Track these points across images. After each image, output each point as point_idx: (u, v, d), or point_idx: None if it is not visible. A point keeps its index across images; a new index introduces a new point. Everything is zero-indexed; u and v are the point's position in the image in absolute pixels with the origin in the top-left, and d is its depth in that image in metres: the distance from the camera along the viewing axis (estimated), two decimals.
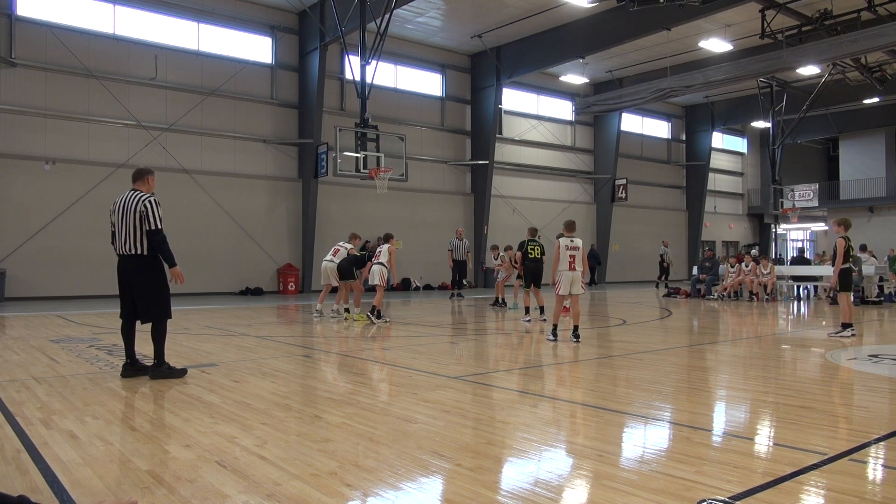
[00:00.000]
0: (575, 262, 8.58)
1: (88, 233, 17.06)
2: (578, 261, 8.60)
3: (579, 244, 8.67)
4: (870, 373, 6.58)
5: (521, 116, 26.62)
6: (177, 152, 18.46)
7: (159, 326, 5.97)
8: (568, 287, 8.54)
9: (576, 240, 8.69)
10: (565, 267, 8.57)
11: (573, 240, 8.68)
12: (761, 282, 17.07)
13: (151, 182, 6.18)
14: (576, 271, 8.56)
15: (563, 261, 8.57)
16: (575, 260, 8.58)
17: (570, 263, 8.57)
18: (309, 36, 20.20)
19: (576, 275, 8.56)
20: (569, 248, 8.60)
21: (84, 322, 11.14)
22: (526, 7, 20.15)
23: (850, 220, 9.57)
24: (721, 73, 19.58)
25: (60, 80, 16.96)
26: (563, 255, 8.59)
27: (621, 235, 29.25)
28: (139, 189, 6.09)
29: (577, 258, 8.58)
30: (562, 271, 8.58)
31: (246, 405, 4.80)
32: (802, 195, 28.06)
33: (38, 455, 3.58)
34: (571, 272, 8.56)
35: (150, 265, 5.98)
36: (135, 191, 6.06)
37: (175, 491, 3.03)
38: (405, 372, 6.63)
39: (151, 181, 6.18)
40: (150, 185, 6.15)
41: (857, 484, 3.15)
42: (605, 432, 4.17)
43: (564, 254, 8.59)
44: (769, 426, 4.42)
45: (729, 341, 9.32)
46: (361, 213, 21.69)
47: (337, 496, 2.99)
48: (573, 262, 8.57)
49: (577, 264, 8.57)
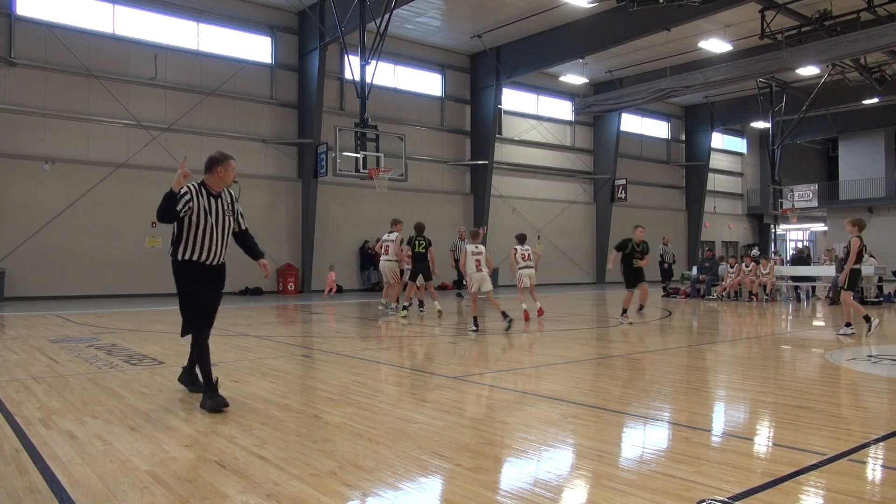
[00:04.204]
0: (481, 265, 10.00)
1: (88, 233, 17.08)
2: (483, 263, 10.05)
3: (482, 250, 10.13)
4: (869, 373, 6.58)
5: (521, 116, 26.62)
6: (176, 152, 18.42)
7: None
8: (478, 285, 9.96)
9: (479, 247, 10.14)
10: (473, 269, 9.98)
11: (478, 246, 10.12)
12: (761, 282, 17.07)
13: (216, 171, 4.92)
14: (482, 272, 9.98)
15: (471, 264, 9.99)
16: (480, 263, 10.00)
17: (477, 266, 9.97)
18: (309, 36, 20.20)
19: (483, 275, 9.99)
20: (474, 253, 10.03)
21: (83, 322, 11.13)
22: (526, 7, 20.15)
23: (865, 221, 9.79)
24: (721, 74, 19.58)
25: (60, 80, 16.96)
26: (470, 259, 10.00)
27: (621, 236, 28.88)
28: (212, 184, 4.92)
29: (481, 261, 10.01)
30: (471, 273, 9.99)
31: (245, 405, 4.80)
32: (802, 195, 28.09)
33: (38, 454, 3.58)
34: (479, 273, 9.96)
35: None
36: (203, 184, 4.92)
37: (175, 491, 3.03)
38: (405, 372, 6.63)
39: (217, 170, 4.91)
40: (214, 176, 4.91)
41: (856, 484, 3.15)
42: (605, 432, 4.17)
43: (471, 258, 10.00)
44: (768, 426, 4.42)
45: (728, 341, 9.32)
46: (361, 213, 21.70)
47: (336, 496, 2.99)
48: (479, 265, 9.99)
49: (482, 266, 10.01)
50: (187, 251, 4.83)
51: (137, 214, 17.52)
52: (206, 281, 4.92)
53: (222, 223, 4.94)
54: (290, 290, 19.86)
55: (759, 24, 19.19)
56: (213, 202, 4.88)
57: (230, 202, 5.04)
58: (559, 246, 27.37)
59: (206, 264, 4.89)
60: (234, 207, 5.08)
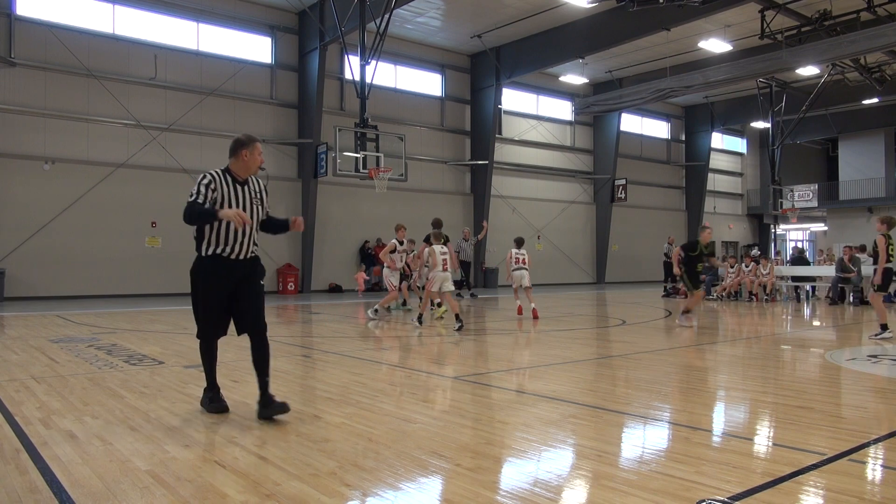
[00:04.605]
0: (447, 265, 10.29)
1: (88, 233, 17.08)
2: (449, 263, 10.38)
3: (446, 251, 10.46)
4: (869, 373, 6.58)
5: (521, 116, 26.62)
6: (176, 152, 18.45)
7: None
8: (440, 284, 10.26)
9: (445, 248, 10.47)
10: (440, 269, 10.23)
11: (444, 247, 10.46)
12: (761, 282, 17.07)
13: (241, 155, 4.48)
14: (447, 272, 10.27)
15: (439, 264, 10.25)
16: (446, 263, 10.30)
17: (444, 266, 10.26)
18: (309, 36, 20.20)
19: (447, 275, 10.28)
20: (442, 253, 10.35)
21: (83, 322, 11.13)
22: (525, 7, 20.16)
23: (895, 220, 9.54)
24: (721, 74, 19.59)
25: (60, 80, 16.96)
26: (439, 259, 10.26)
27: (621, 236, 29.25)
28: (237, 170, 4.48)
29: (447, 261, 10.33)
30: (437, 272, 10.25)
31: (245, 405, 4.79)
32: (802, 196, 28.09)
33: (38, 454, 3.58)
34: (444, 273, 10.25)
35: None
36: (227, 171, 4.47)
37: (175, 491, 3.03)
38: (405, 372, 6.63)
39: (242, 154, 4.47)
40: (240, 160, 4.48)
41: (856, 484, 3.15)
42: (605, 432, 4.17)
43: (439, 258, 10.26)
44: (768, 426, 4.42)
45: (728, 341, 9.32)
46: (361, 213, 21.70)
47: (336, 496, 2.99)
48: (445, 265, 10.27)
49: (448, 266, 10.32)
50: (211, 245, 4.36)
51: (137, 214, 17.54)
52: (233, 279, 4.43)
53: (249, 213, 4.43)
54: (290, 290, 19.86)
55: (759, 24, 19.20)
56: (239, 190, 4.42)
57: (258, 190, 4.58)
58: (559, 246, 27.37)
59: (234, 259, 4.42)
60: (262, 196, 4.59)
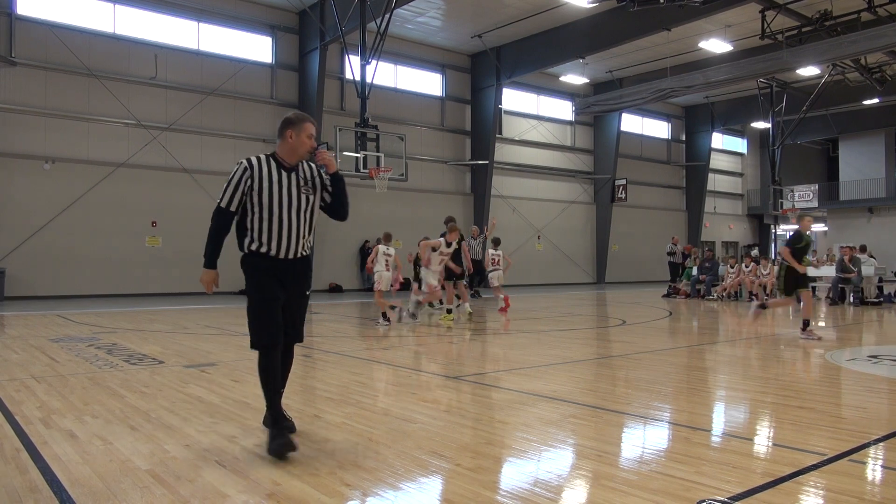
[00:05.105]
0: (389, 265, 10.59)
1: (88, 233, 17.08)
2: (392, 264, 10.67)
3: (392, 252, 10.71)
4: (869, 373, 6.58)
5: (521, 116, 26.62)
6: (177, 152, 18.45)
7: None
8: (388, 284, 10.69)
9: (391, 248, 10.71)
10: (382, 268, 10.55)
11: (389, 248, 10.70)
12: (761, 282, 17.07)
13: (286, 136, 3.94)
14: (390, 272, 10.63)
15: (381, 263, 10.55)
16: (389, 263, 10.58)
17: (386, 266, 10.58)
18: (309, 35, 20.20)
19: (390, 274, 10.64)
20: (385, 254, 10.61)
21: (83, 321, 11.13)
22: (526, 7, 20.16)
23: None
24: (721, 74, 19.59)
25: (60, 80, 16.96)
26: (381, 259, 10.58)
27: (621, 236, 29.25)
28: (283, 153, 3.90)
29: (390, 262, 10.61)
30: (380, 271, 10.55)
31: (246, 405, 4.79)
32: (802, 196, 28.12)
33: (38, 454, 3.58)
34: (388, 273, 10.60)
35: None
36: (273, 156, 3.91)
37: (175, 491, 3.03)
38: (405, 372, 6.63)
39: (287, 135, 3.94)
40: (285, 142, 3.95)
41: (856, 484, 3.15)
42: (605, 432, 4.17)
43: (382, 258, 10.58)
44: (768, 426, 4.42)
45: (728, 342, 9.32)
46: (361, 213, 21.66)
47: (337, 496, 2.99)
48: (388, 265, 10.59)
49: (391, 267, 10.62)
50: (254, 241, 3.79)
51: (137, 214, 17.54)
52: (279, 279, 3.79)
53: (298, 204, 3.81)
54: None
55: (760, 24, 19.20)
56: (284, 177, 3.81)
57: (311, 178, 3.94)
58: (559, 246, 27.37)
59: (280, 258, 3.78)
60: (316, 182, 3.97)
